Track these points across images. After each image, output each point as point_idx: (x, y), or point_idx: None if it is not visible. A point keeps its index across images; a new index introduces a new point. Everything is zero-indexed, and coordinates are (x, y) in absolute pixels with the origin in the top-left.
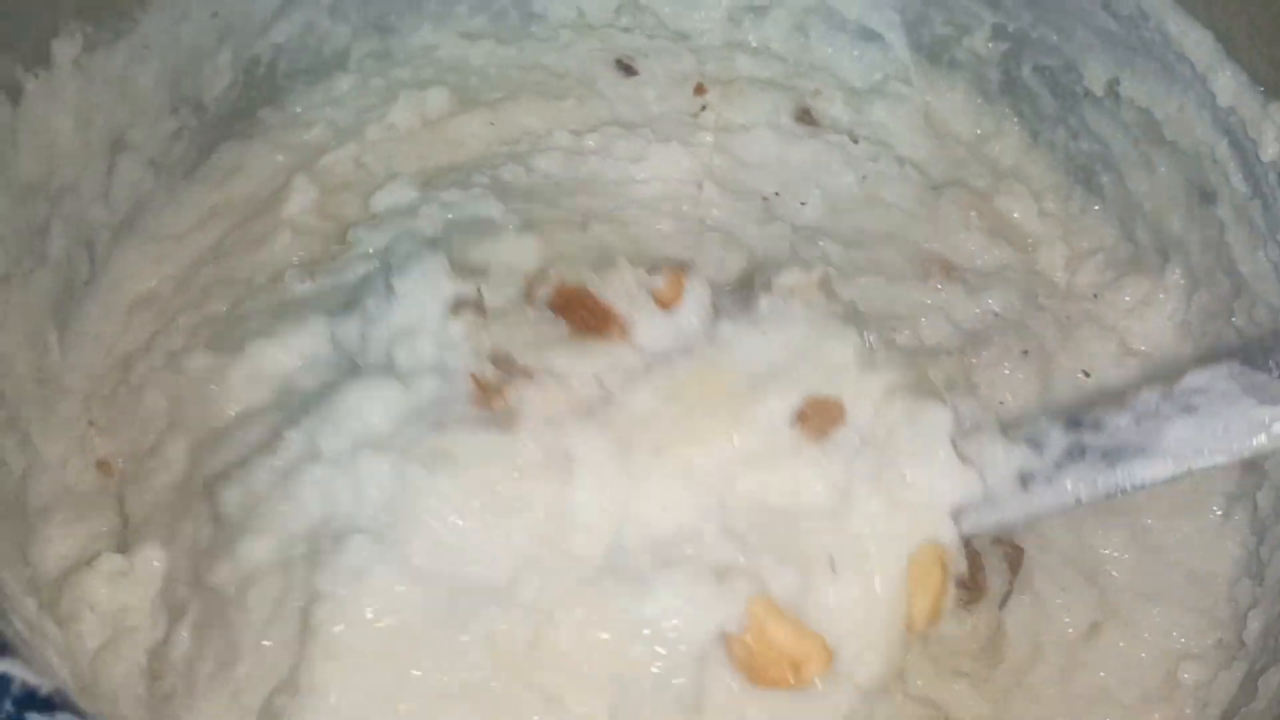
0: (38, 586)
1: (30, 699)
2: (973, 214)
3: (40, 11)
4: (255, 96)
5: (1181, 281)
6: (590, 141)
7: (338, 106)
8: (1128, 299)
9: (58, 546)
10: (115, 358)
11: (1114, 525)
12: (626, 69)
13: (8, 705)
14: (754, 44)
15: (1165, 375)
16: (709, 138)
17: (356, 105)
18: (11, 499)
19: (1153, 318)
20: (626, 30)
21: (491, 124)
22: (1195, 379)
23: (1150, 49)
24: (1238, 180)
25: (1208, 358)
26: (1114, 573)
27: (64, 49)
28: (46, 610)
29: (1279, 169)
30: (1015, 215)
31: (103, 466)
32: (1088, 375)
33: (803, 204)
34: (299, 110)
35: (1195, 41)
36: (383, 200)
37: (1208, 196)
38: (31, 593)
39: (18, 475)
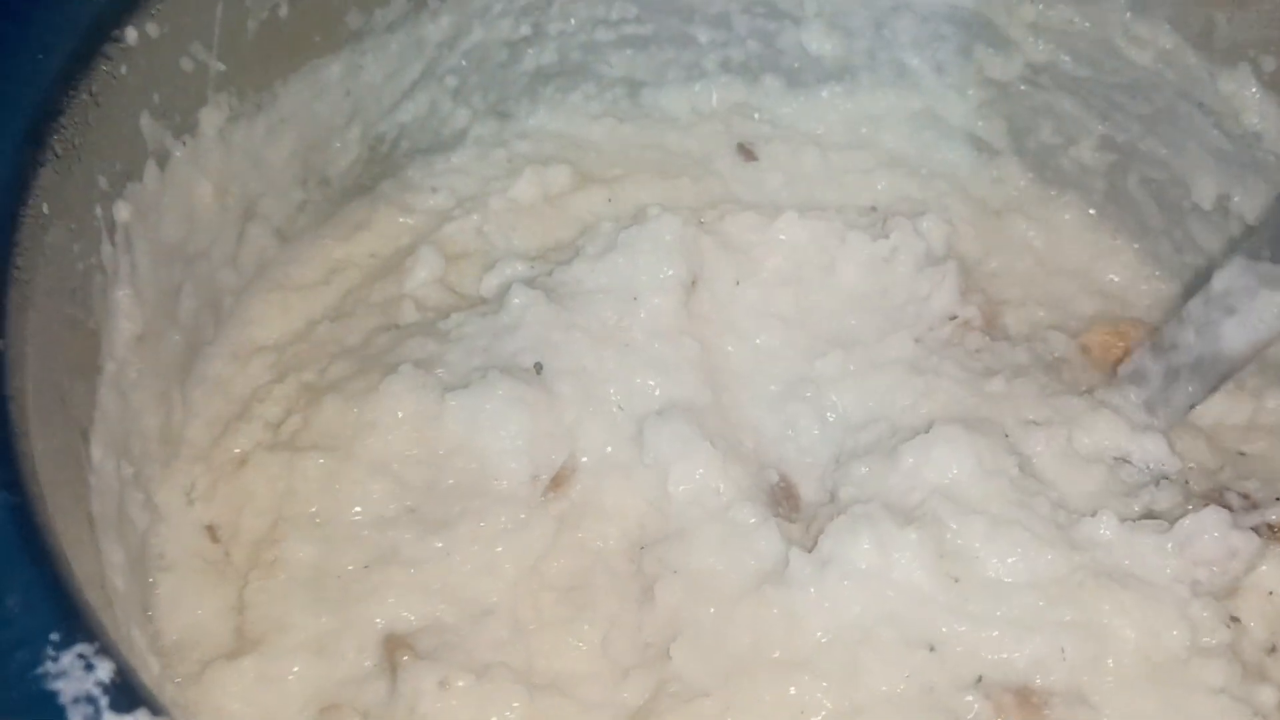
0: (157, 647)
1: None
2: None
3: (192, 82)
4: (377, 171)
5: None
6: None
7: (461, 175)
8: None
9: (177, 613)
10: (233, 404)
11: None
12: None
13: None
14: None
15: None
16: None
17: (479, 176)
18: (136, 555)
19: None
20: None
21: (610, 201)
22: (1220, 280)
23: (1261, 169)
24: None
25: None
26: None
27: (210, 118)
28: (166, 673)
29: None
30: None
31: (210, 531)
32: None
33: None
34: (421, 178)
35: None
36: (492, 282)
37: None
38: (155, 653)
39: (141, 531)
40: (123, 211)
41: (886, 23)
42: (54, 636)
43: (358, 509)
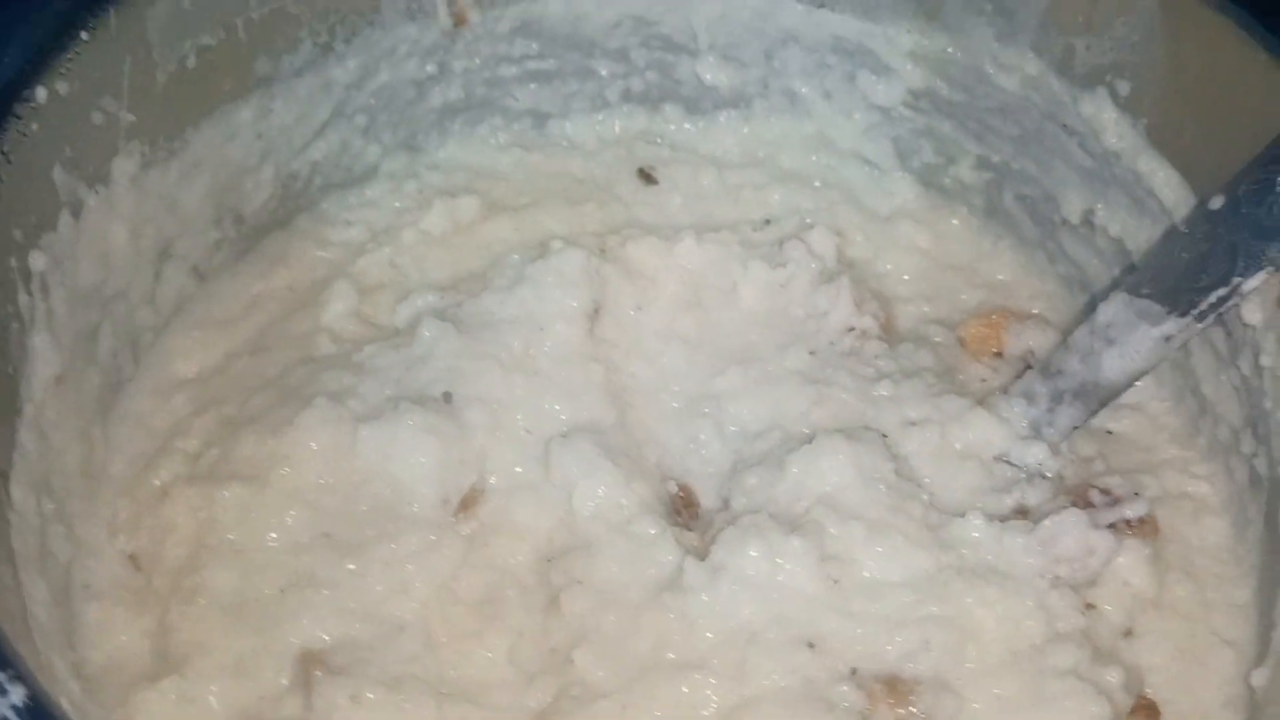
0: (81, 673)
1: None
2: None
3: (103, 134)
4: (291, 207)
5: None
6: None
7: (374, 209)
8: None
9: (101, 639)
10: (155, 438)
11: None
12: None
13: None
14: None
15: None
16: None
17: (391, 208)
18: (59, 587)
19: None
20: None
21: (516, 229)
22: (1104, 314)
23: (1121, 184)
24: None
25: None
26: None
27: (123, 167)
28: (90, 698)
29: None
30: None
31: (133, 560)
32: None
33: None
34: (335, 211)
35: (1163, 180)
36: (404, 313)
37: None
38: (76, 677)
39: (64, 564)
40: (38, 261)
41: (776, 54)
42: None
43: (274, 536)
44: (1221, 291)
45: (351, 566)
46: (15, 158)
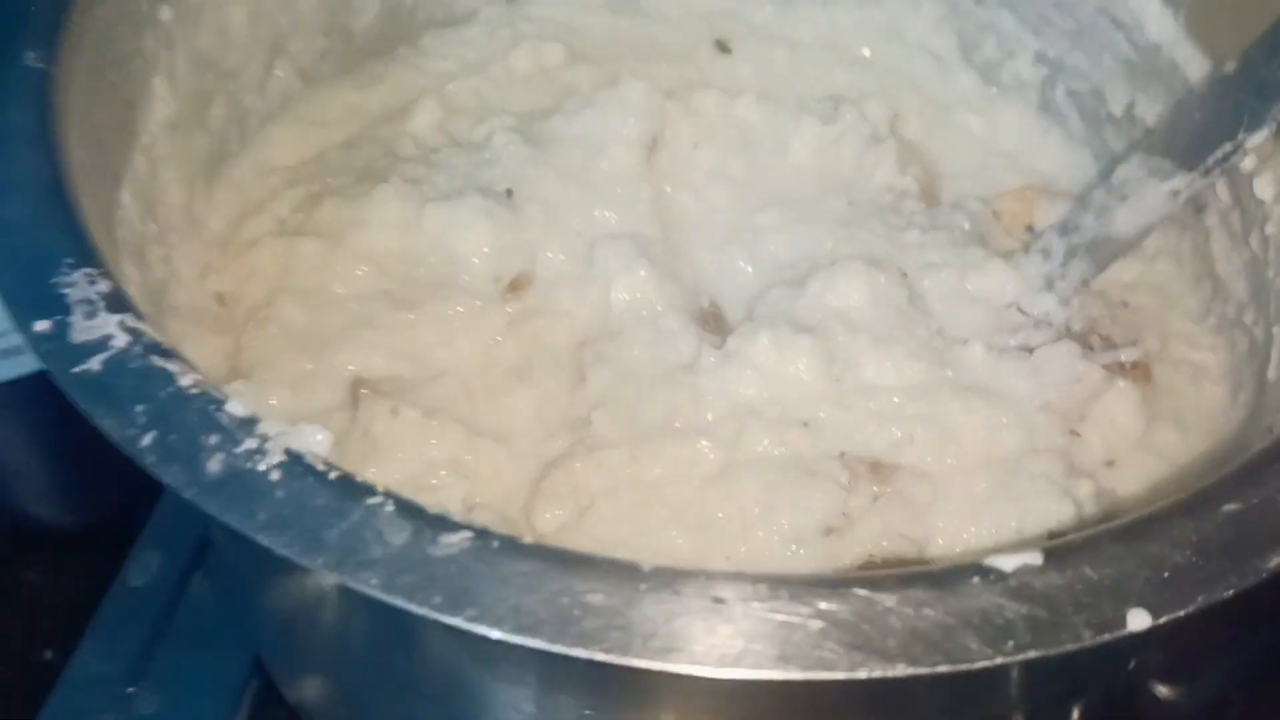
0: None
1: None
2: None
3: None
4: (395, 35)
5: None
6: None
7: (469, 47)
8: None
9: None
10: (249, 205)
11: None
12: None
13: None
14: None
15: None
16: None
17: (484, 49)
18: (152, 294)
19: None
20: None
21: (593, 77)
22: (1120, 171)
23: (1160, 76)
24: (1223, 192)
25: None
26: None
27: None
28: None
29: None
30: None
31: (218, 298)
32: None
33: None
34: (434, 46)
35: (1197, 69)
36: (481, 130)
37: (1200, 208)
38: None
39: (158, 280)
40: (165, 12)
41: None
42: (69, 260)
43: (342, 286)
44: (1227, 148)
45: (407, 318)
46: None
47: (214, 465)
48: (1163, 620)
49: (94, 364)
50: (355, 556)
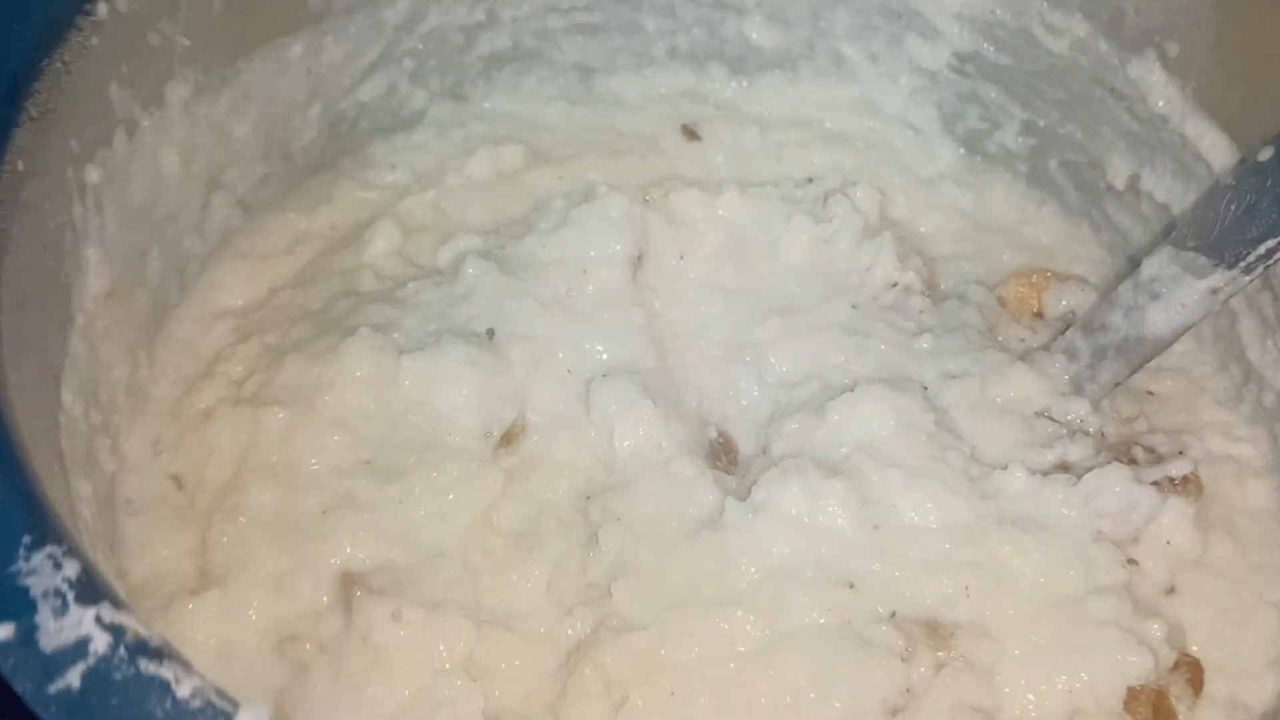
0: (125, 585)
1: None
2: None
3: (159, 56)
4: (338, 148)
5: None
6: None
7: (419, 153)
8: None
9: (142, 554)
10: (199, 364)
11: None
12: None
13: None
14: None
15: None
16: None
17: (436, 155)
18: (104, 496)
19: None
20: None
21: (560, 179)
22: (1149, 268)
23: (1167, 149)
24: None
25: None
26: None
27: (176, 91)
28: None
29: None
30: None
31: (175, 480)
32: None
33: None
34: (381, 155)
35: (1211, 144)
36: (446, 254)
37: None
38: (119, 579)
39: (108, 475)
40: (93, 174)
41: (823, 14)
42: (26, 539)
43: (316, 459)
44: (1271, 243)
45: (392, 492)
46: (75, 69)
47: None
48: None
49: (72, 678)
50: None
